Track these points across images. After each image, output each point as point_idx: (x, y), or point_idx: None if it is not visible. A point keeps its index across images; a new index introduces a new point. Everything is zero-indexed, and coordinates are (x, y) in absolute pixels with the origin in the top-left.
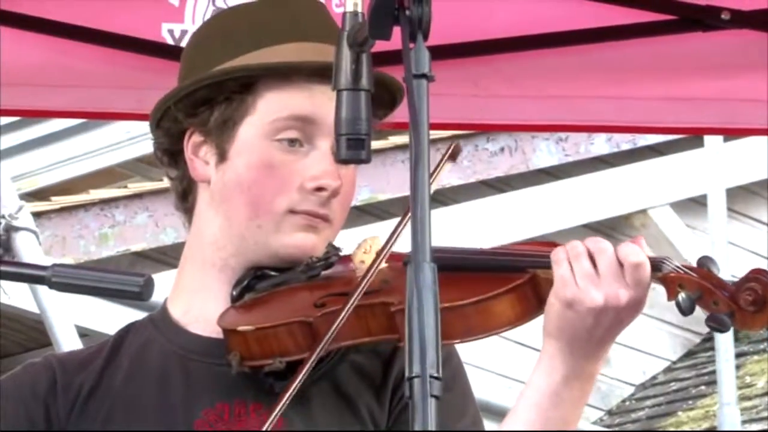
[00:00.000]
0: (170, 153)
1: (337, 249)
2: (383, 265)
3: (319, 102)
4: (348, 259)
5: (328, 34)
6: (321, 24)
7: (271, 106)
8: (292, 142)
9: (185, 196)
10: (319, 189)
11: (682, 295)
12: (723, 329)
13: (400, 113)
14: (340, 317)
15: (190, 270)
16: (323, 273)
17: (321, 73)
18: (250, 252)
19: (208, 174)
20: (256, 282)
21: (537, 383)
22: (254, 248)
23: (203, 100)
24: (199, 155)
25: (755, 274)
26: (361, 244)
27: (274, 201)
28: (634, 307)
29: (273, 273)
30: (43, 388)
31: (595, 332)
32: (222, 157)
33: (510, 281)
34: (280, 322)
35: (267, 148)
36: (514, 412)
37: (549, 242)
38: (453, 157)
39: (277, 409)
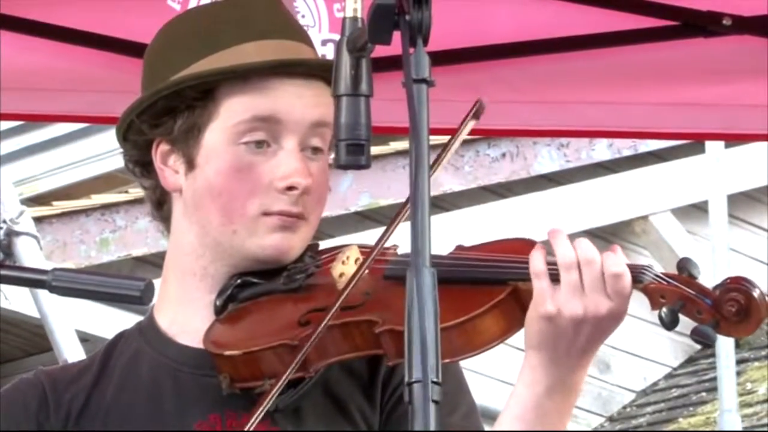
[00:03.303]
0: (141, 163)
1: (316, 252)
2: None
3: (281, 100)
4: (329, 261)
5: (286, 31)
6: (278, 20)
7: (233, 110)
8: (258, 143)
9: (160, 205)
10: (290, 188)
11: (663, 310)
12: (708, 343)
13: (401, 118)
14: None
15: (172, 280)
16: (305, 282)
17: (280, 71)
18: (227, 258)
19: (179, 183)
20: (238, 291)
21: (520, 396)
22: (231, 253)
23: (165, 110)
24: (168, 164)
25: (735, 284)
26: (338, 255)
27: (246, 205)
28: (615, 317)
29: (255, 280)
30: (35, 405)
31: (576, 343)
32: (190, 165)
33: (491, 296)
34: (267, 345)
35: (233, 152)
36: (498, 425)
37: (527, 241)
38: (477, 115)
39: (254, 418)
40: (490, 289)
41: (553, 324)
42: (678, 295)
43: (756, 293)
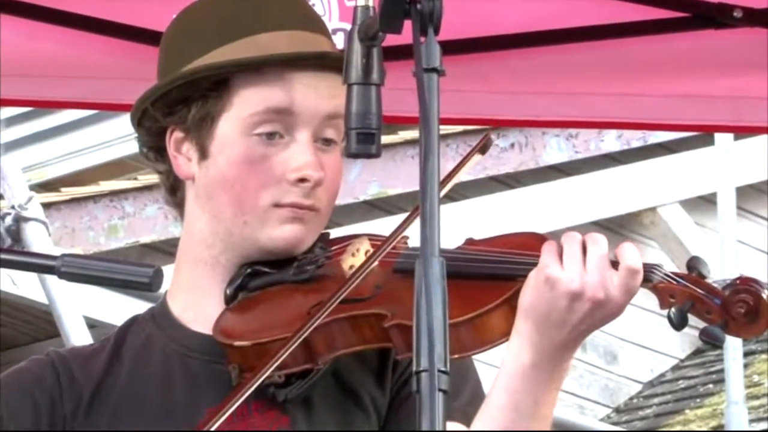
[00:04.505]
0: (155, 149)
1: (327, 242)
2: (375, 264)
3: (295, 92)
4: (339, 253)
5: (303, 21)
6: (295, 10)
7: (247, 101)
8: (271, 135)
9: (174, 191)
10: (302, 180)
11: (672, 311)
12: (717, 344)
13: (411, 107)
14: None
15: (184, 267)
16: (315, 273)
17: (294, 62)
18: (238, 248)
19: (192, 171)
20: (248, 280)
21: (506, 366)
22: (243, 244)
23: (179, 98)
24: (181, 152)
25: (744, 285)
26: (348, 247)
27: (258, 196)
28: (612, 310)
29: (265, 270)
30: (49, 382)
31: (567, 319)
32: (203, 154)
33: (500, 293)
34: (275, 337)
35: (246, 143)
36: (488, 396)
37: (536, 236)
38: (483, 150)
39: (232, 402)
40: (499, 285)
41: (548, 290)
42: (687, 295)
43: (765, 294)
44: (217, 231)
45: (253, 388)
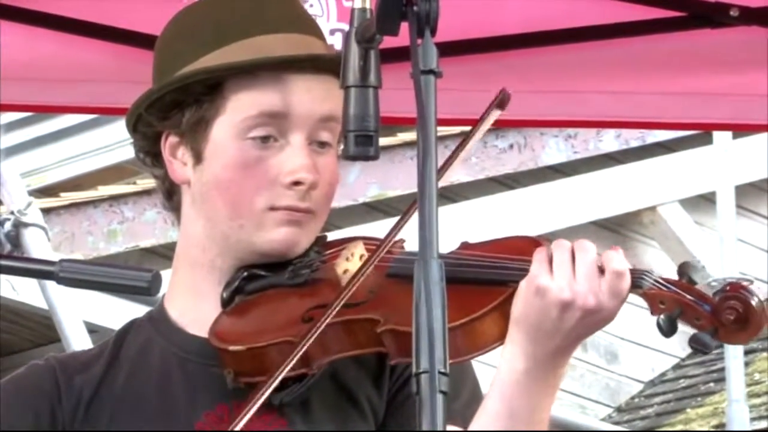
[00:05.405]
0: (151, 154)
1: (323, 246)
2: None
3: (289, 95)
4: (334, 257)
5: (297, 24)
6: (289, 13)
7: (240, 105)
8: (265, 139)
9: (170, 195)
10: (296, 183)
11: (661, 317)
12: (706, 351)
13: (409, 108)
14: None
15: (181, 271)
16: (310, 277)
17: (288, 65)
18: (234, 251)
19: (187, 175)
20: (245, 284)
21: (501, 373)
22: (238, 247)
23: (173, 103)
24: (176, 156)
25: (734, 291)
26: (343, 251)
27: (253, 200)
28: (604, 317)
29: (261, 273)
30: (47, 387)
31: (560, 327)
32: (198, 158)
33: (493, 297)
34: (270, 342)
35: (240, 147)
36: (483, 403)
37: (532, 240)
38: (501, 105)
39: (246, 410)
40: (491, 290)
41: (539, 300)
42: (677, 302)
43: (754, 301)
44: (213, 234)
45: (264, 397)
